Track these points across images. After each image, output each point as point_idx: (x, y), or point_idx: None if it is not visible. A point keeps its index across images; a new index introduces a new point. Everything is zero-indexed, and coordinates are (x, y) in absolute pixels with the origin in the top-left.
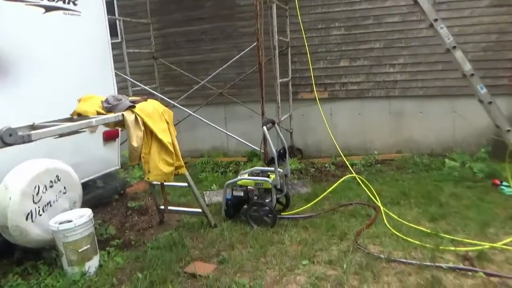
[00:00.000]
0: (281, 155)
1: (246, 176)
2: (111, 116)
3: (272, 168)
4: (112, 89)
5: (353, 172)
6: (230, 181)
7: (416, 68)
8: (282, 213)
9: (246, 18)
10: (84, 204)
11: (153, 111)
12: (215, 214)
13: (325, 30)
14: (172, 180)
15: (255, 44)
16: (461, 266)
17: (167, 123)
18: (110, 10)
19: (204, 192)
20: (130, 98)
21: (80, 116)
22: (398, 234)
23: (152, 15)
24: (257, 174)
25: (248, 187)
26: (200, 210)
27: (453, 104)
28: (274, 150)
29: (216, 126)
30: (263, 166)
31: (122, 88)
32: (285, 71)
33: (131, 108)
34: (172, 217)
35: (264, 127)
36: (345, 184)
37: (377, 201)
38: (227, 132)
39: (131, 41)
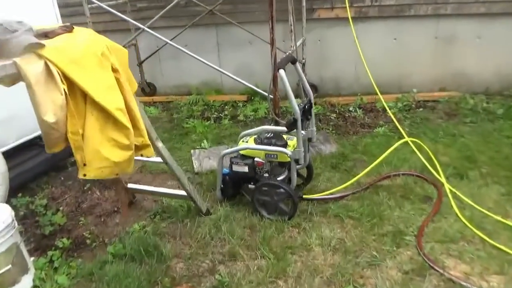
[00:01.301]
0: (305, 112)
1: (251, 142)
2: None
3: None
4: (50, 10)
5: (396, 123)
6: (227, 151)
7: None
8: (303, 192)
9: None
10: (27, 173)
11: (85, 53)
12: (207, 189)
13: None
14: (132, 171)
15: None
16: None
17: (116, 71)
18: None
19: (192, 151)
20: (36, 28)
21: None
22: (487, 239)
23: None
24: (269, 140)
25: (255, 158)
26: (185, 193)
27: None
28: (297, 109)
29: (203, 60)
30: (268, 112)
31: (74, 6)
32: None
33: (36, 48)
34: (147, 195)
35: (282, 71)
36: (382, 139)
37: (439, 174)
38: (220, 69)
39: None
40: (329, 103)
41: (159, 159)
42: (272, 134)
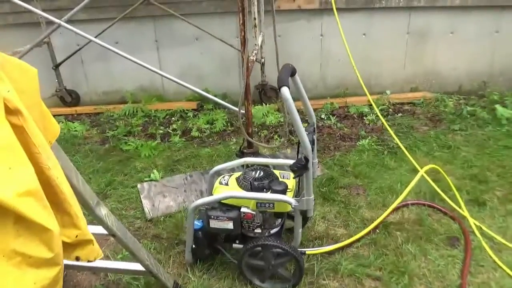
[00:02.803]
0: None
1: (233, 184)
2: None
3: (286, 160)
4: None
5: (399, 142)
6: (201, 201)
7: None
8: (304, 248)
9: None
10: None
11: None
12: (168, 245)
13: None
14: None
15: None
16: None
17: (16, 113)
18: None
19: (139, 187)
20: None
21: None
22: None
23: None
24: (260, 183)
25: (242, 209)
26: (142, 267)
27: (498, 20)
28: (309, 145)
29: (138, 61)
30: (228, 124)
31: None
32: None
33: None
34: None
35: (286, 90)
36: (370, 155)
37: (457, 204)
38: (161, 73)
39: None
40: None
41: (103, 230)
42: (261, 172)
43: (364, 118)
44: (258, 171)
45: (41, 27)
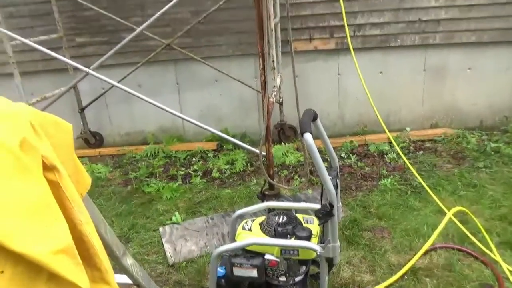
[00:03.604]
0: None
1: (256, 229)
2: None
3: (311, 205)
4: None
5: (425, 185)
6: (225, 247)
7: (469, 1)
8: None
9: None
10: None
11: None
12: None
13: None
14: None
15: None
16: None
17: (51, 169)
18: None
19: (161, 230)
20: None
21: None
22: None
23: None
24: (284, 229)
25: (266, 256)
26: None
27: None
28: (333, 191)
29: (158, 104)
30: (247, 164)
31: None
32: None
33: None
34: None
35: (308, 136)
36: (393, 196)
37: (488, 248)
38: (181, 115)
39: None
40: None
41: (126, 279)
42: (285, 217)
43: (385, 156)
44: (282, 216)
45: (68, 72)
